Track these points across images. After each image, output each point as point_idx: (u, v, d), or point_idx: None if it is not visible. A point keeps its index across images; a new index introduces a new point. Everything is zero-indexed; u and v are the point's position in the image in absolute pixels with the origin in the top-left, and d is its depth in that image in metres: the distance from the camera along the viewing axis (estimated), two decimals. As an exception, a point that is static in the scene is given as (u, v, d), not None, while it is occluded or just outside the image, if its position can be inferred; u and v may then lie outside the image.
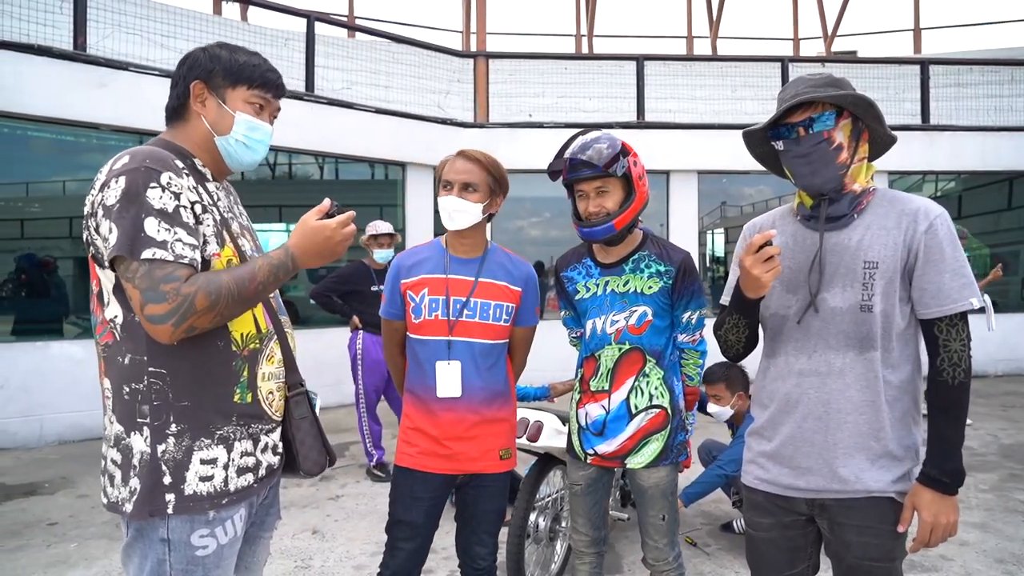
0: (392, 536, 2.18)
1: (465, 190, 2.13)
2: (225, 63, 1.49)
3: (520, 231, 9.68)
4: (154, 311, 1.29)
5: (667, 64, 9.67)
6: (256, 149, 1.54)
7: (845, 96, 1.56)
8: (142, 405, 1.36)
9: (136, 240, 1.29)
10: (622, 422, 2.18)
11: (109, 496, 1.40)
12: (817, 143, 1.59)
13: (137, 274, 1.29)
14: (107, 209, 1.32)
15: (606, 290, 2.23)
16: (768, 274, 1.53)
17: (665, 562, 2.25)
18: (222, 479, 1.42)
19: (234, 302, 1.36)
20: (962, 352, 1.55)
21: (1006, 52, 12.09)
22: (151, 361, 1.36)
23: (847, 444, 1.60)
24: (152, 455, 1.36)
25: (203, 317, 1.32)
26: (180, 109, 1.51)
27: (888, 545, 1.59)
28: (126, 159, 1.37)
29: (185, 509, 1.37)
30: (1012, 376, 9.02)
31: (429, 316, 2.13)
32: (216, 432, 1.41)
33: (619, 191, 2.13)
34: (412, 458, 2.16)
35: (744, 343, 1.79)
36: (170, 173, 1.37)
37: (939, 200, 10.23)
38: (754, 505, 1.77)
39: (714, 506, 4.22)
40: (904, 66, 10.18)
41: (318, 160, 8.51)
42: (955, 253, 1.55)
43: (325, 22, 8.76)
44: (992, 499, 4.35)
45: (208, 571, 1.42)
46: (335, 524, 4.01)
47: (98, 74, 6.24)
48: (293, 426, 1.56)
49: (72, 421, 6.02)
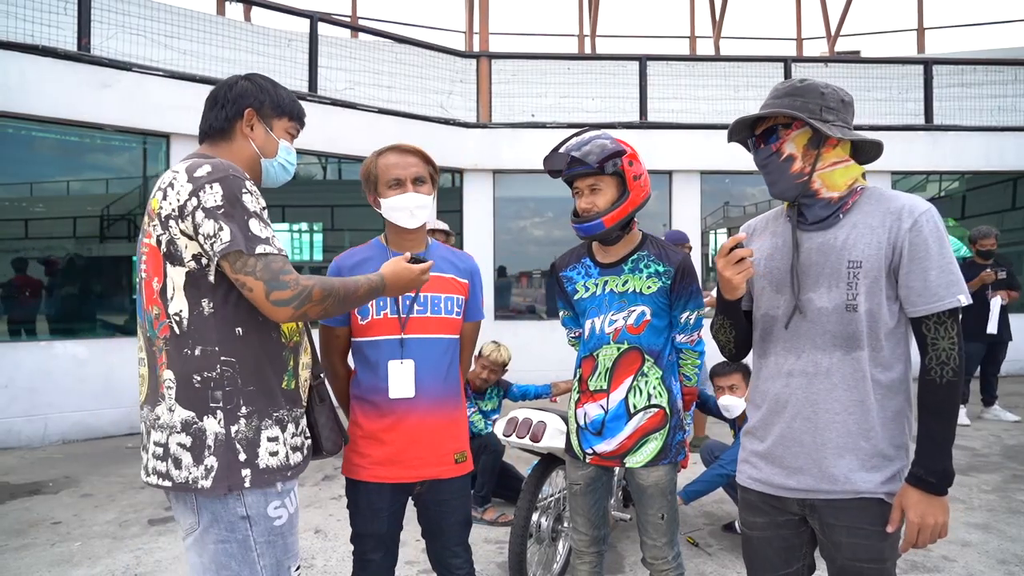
0: (359, 549, 2.12)
1: (418, 184, 2.08)
2: (273, 97, 1.73)
3: (523, 231, 9.69)
4: (280, 296, 1.48)
5: (670, 64, 9.66)
6: (290, 171, 1.80)
7: (782, 111, 1.59)
8: (215, 391, 1.51)
9: (248, 238, 1.48)
10: (621, 421, 2.18)
11: (175, 478, 1.50)
12: (768, 156, 1.65)
13: (256, 268, 1.47)
14: (209, 211, 1.47)
15: (605, 290, 2.24)
16: (739, 276, 1.59)
17: (664, 561, 2.25)
18: (284, 455, 1.60)
19: (338, 303, 1.58)
20: (951, 351, 1.53)
21: (1010, 52, 12.05)
22: (223, 351, 1.52)
23: (836, 444, 1.60)
24: (227, 435, 1.51)
25: (315, 307, 1.52)
26: (227, 131, 1.70)
27: (878, 547, 1.59)
28: (208, 167, 1.51)
29: (261, 482, 1.54)
30: (1016, 376, 9.00)
31: (377, 315, 2.05)
32: (274, 414, 1.59)
33: (612, 190, 2.15)
34: (365, 470, 2.06)
35: (735, 343, 1.83)
36: (250, 181, 1.56)
37: (943, 200, 10.29)
38: (748, 504, 1.78)
39: (716, 506, 4.22)
40: (907, 66, 10.17)
41: (321, 160, 8.53)
42: (941, 250, 1.53)
43: (328, 22, 8.77)
44: (995, 500, 4.34)
45: (285, 538, 1.60)
46: (337, 524, 4.02)
47: (102, 75, 6.27)
48: (316, 411, 1.77)
49: (76, 420, 6.04)
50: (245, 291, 1.49)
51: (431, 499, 2.13)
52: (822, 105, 1.61)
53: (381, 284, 1.69)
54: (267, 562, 1.56)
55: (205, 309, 1.51)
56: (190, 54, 7.25)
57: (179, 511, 1.58)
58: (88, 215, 6.91)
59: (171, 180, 1.52)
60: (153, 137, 6.71)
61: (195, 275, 1.51)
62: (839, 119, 1.62)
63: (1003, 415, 6.70)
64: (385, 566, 2.14)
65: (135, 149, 6.81)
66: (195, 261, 1.50)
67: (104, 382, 6.13)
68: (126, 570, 3.40)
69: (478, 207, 8.74)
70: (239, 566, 1.53)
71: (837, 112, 1.62)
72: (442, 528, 2.16)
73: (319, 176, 8.81)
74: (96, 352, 6.20)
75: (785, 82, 1.67)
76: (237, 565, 1.52)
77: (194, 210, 1.47)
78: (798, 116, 1.58)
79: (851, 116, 1.66)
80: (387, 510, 2.08)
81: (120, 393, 6.12)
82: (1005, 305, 6.57)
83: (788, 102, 1.61)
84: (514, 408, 3.35)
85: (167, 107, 6.51)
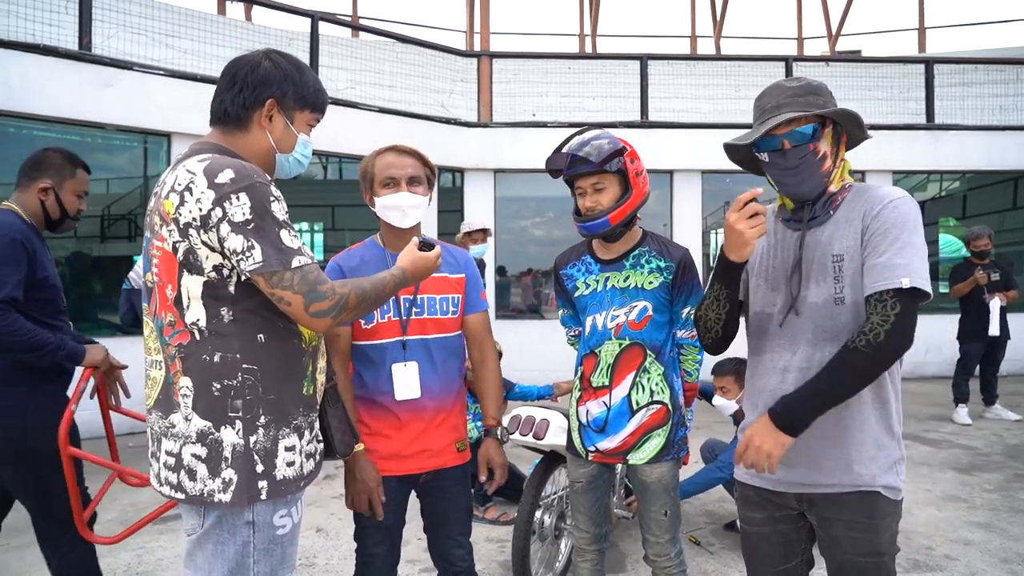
0: (363, 543, 2.13)
1: (412, 184, 2.10)
2: (298, 85, 1.59)
3: (524, 231, 9.69)
4: (319, 307, 1.45)
5: (671, 63, 9.66)
6: (304, 164, 1.71)
7: (838, 112, 1.59)
8: (235, 400, 1.45)
9: (282, 252, 1.42)
10: (624, 418, 2.18)
11: (189, 490, 1.45)
12: (803, 156, 1.61)
13: (294, 282, 1.43)
14: (237, 226, 1.39)
15: (606, 286, 2.24)
16: (753, 230, 1.54)
17: (667, 558, 2.25)
18: (299, 464, 1.55)
19: (371, 303, 1.58)
20: (879, 328, 1.48)
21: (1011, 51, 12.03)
22: (244, 358, 1.46)
23: (831, 438, 1.61)
24: (245, 447, 1.45)
25: (351, 312, 1.52)
26: (243, 119, 1.56)
27: (875, 540, 1.59)
28: (230, 172, 1.41)
29: (277, 493, 1.49)
30: (1017, 376, 9.00)
31: (382, 319, 2.08)
32: (293, 422, 1.54)
33: (615, 187, 2.16)
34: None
35: (724, 322, 1.75)
36: (272, 184, 1.49)
37: (944, 200, 10.26)
38: (746, 500, 1.79)
39: (718, 505, 4.22)
40: (909, 65, 10.17)
41: (322, 160, 8.54)
42: (901, 234, 1.52)
43: (329, 22, 8.78)
44: (997, 499, 4.34)
45: (285, 548, 1.55)
46: (339, 522, 4.02)
47: (103, 74, 6.27)
48: (328, 413, 1.72)
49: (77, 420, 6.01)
50: (283, 305, 1.44)
51: (434, 487, 2.17)
52: (831, 103, 1.64)
53: (403, 277, 1.68)
54: (261, 569, 1.50)
55: (225, 317, 1.45)
56: (191, 53, 7.25)
57: (185, 512, 1.55)
58: (89, 215, 6.84)
59: (188, 183, 1.41)
60: (154, 136, 6.71)
61: (214, 284, 1.44)
62: None
63: (1005, 414, 6.70)
64: (389, 562, 2.15)
65: (136, 149, 6.82)
66: (215, 271, 1.43)
67: (105, 381, 6.11)
68: (127, 569, 3.40)
69: (479, 207, 8.73)
70: (232, 570, 1.48)
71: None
72: (446, 516, 2.18)
73: (320, 176, 8.81)
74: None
75: (790, 81, 1.66)
76: (230, 569, 1.48)
77: (219, 222, 1.38)
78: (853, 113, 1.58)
79: None
80: (392, 501, 2.10)
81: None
82: (1004, 306, 6.58)
83: (813, 100, 1.61)
84: (516, 407, 3.35)
85: (168, 106, 6.51)
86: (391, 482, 2.09)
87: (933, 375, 8.59)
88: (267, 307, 1.48)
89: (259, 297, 1.47)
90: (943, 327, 7.19)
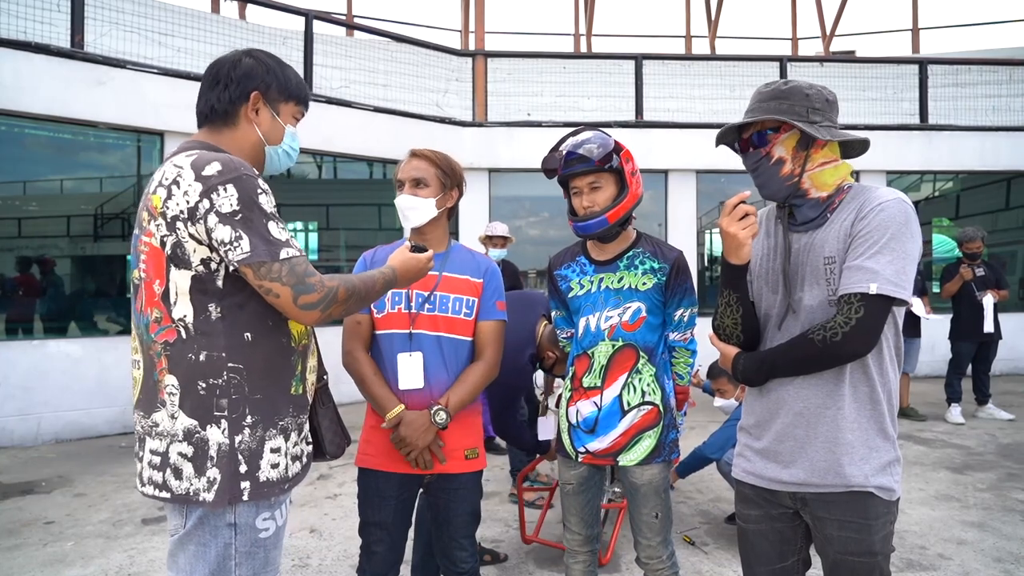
0: (365, 539, 2.14)
1: (416, 186, 2.14)
2: (280, 79, 1.62)
3: (518, 230, 9.66)
4: (308, 300, 1.45)
5: (665, 63, 9.66)
6: (293, 157, 1.72)
7: (775, 119, 1.60)
8: (220, 399, 1.44)
9: (270, 243, 1.42)
10: (614, 418, 2.18)
11: (174, 489, 1.44)
12: (757, 160, 1.66)
13: (282, 273, 1.43)
14: (224, 216, 1.39)
15: (600, 287, 2.24)
16: (745, 231, 1.57)
17: (659, 560, 2.24)
18: (284, 466, 1.53)
19: (359, 300, 1.58)
20: (838, 328, 1.50)
21: (1004, 52, 12.10)
22: (230, 357, 1.45)
23: (825, 438, 1.61)
24: (230, 446, 1.45)
25: (340, 307, 1.52)
26: (230, 115, 1.59)
27: (868, 540, 1.60)
28: (217, 165, 1.42)
29: (259, 495, 1.48)
30: (1011, 376, 9.04)
31: (392, 309, 2.13)
32: (279, 423, 1.52)
33: (612, 186, 2.16)
34: (373, 459, 2.12)
35: (742, 326, 1.73)
36: (260, 178, 1.49)
37: (937, 200, 10.30)
38: (743, 497, 1.80)
39: (712, 505, 4.22)
40: (902, 66, 10.19)
41: (316, 159, 8.51)
42: (881, 238, 1.51)
43: (324, 21, 8.75)
44: (990, 498, 4.35)
45: (268, 551, 1.53)
46: (333, 523, 4.01)
47: (96, 72, 6.24)
48: (319, 414, 1.71)
49: (70, 420, 6.02)
50: (270, 297, 1.44)
51: (439, 488, 2.17)
52: (808, 107, 1.61)
53: (393, 276, 1.70)
54: (243, 572, 1.49)
55: (212, 314, 1.44)
56: (185, 52, 7.22)
57: (169, 512, 1.54)
58: (82, 213, 6.87)
59: (176, 177, 1.41)
60: (147, 135, 6.68)
61: (202, 279, 1.43)
62: (825, 119, 1.63)
63: (997, 414, 6.73)
64: (389, 560, 2.14)
65: (129, 147, 6.78)
66: (203, 265, 1.43)
67: (98, 381, 6.11)
68: (119, 570, 3.38)
69: (474, 206, 8.72)
70: (213, 572, 1.46)
71: (823, 112, 1.63)
72: (449, 519, 2.18)
73: (314, 175, 8.78)
74: (90, 351, 6.17)
75: (768, 85, 1.68)
76: (211, 571, 1.46)
77: (206, 214, 1.39)
78: (785, 120, 1.59)
79: (836, 114, 1.67)
80: (395, 498, 2.10)
81: (114, 392, 6.10)
82: (995, 304, 6.62)
83: (775, 105, 1.62)
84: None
85: (161, 105, 6.48)
86: (393, 479, 2.09)
87: (926, 375, 8.63)
88: (255, 303, 1.47)
89: (247, 292, 1.46)
90: (936, 327, 7.22)
